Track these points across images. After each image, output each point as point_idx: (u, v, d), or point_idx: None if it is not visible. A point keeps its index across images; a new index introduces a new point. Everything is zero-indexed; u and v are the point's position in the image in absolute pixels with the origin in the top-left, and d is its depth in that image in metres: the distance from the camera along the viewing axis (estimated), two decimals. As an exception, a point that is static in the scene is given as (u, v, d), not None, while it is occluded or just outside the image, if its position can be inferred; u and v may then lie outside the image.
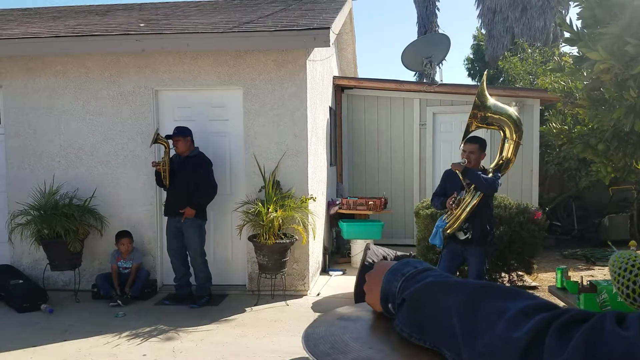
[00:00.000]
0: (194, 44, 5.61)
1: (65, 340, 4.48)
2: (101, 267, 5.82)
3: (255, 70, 5.77)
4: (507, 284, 5.51)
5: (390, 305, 0.86)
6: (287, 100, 5.77)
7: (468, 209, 4.24)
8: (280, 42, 5.60)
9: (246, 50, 5.73)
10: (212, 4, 8.07)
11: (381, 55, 48.66)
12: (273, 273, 5.42)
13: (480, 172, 4.28)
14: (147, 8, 7.92)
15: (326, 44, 5.59)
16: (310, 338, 0.96)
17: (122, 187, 5.90)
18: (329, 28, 5.52)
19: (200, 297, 5.40)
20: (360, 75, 10.54)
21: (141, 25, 6.25)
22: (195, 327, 4.77)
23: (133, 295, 5.47)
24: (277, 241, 5.30)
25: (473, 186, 4.26)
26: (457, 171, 4.31)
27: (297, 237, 5.51)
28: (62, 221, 5.33)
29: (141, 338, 4.53)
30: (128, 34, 5.65)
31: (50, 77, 5.89)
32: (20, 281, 5.49)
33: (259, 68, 5.77)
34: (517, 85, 11.38)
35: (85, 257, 5.70)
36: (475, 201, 4.23)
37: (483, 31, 17.99)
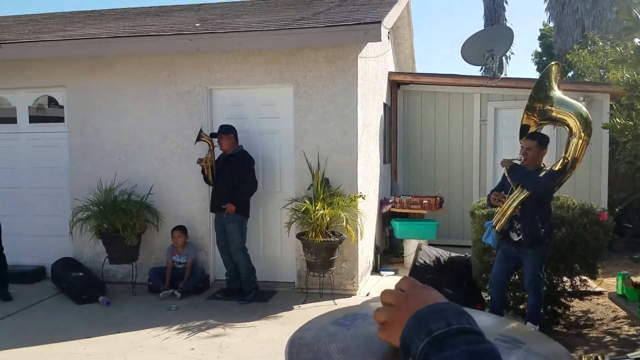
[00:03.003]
0: (246, 42, 5.65)
1: (119, 332, 4.63)
2: (157, 262, 5.99)
3: (306, 67, 5.74)
4: (569, 289, 5.18)
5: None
6: (337, 97, 5.69)
7: (514, 204, 4.03)
8: (331, 38, 5.54)
9: (297, 48, 5.71)
10: (268, 3, 8.12)
11: (442, 50, 47.53)
12: (321, 271, 5.37)
13: (529, 170, 4.07)
14: (204, 8, 8.09)
15: (377, 38, 5.47)
16: (295, 344, 0.90)
17: (177, 184, 6.04)
18: (380, 22, 5.40)
19: (247, 292, 5.45)
20: (418, 71, 10.29)
21: (197, 25, 6.36)
22: (243, 323, 4.80)
23: (187, 290, 5.58)
24: (325, 239, 5.24)
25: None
26: (504, 168, 4.13)
27: (345, 236, 5.43)
28: (121, 216, 5.52)
29: (190, 332, 4.62)
30: (182, 33, 5.76)
31: (110, 77, 6.11)
32: (81, 274, 5.74)
33: (309, 65, 5.74)
34: (586, 80, 10.73)
35: (142, 251, 5.88)
36: (522, 197, 4.01)
37: (551, 24, 17.16)
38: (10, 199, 6.34)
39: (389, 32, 7.30)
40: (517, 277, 4.70)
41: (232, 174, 5.39)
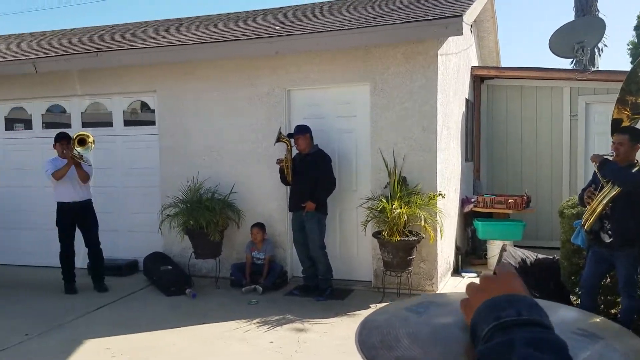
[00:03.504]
0: (323, 42, 5.69)
1: (204, 323, 4.84)
2: (238, 257, 6.19)
3: (384, 64, 5.69)
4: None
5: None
6: (415, 93, 5.60)
7: (604, 202, 3.76)
8: (410, 34, 5.45)
9: (375, 45, 5.68)
10: (345, 2, 8.14)
11: (529, 43, 45.19)
12: (398, 271, 5.30)
13: (620, 166, 3.78)
14: (284, 11, 8.25)
15: (459, 32, 5.32)
16: (367, 326, 0.91)
17: (256, 183, 6.22)
18: (461, 16, 5.24)
19: (323, 290, 5.50)
20: (503, 65, 9.87)
21: (277, 28, 6.51)
22: (320, 320, 4.85)
23: (266, 286, 5.72)
24: (403, 238, 5.17)
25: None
26: (594, 163, 3.87)
27: (424, 235, 5.32)
28: (205, 214, 5.77)
29: (269, 326, 4.73)
30: (262, 37, 5.92)
31: (196, 81, 6.40)
32: (169, 267, 6.07)
33: (387, 62, 5.69)
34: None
35: (225, 247, 6.11)
36: (613, 194, 3.73)
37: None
38: (107, 197, 6.81)
39: (471, 26, 7.07)
40: (608, 279, 4.39)
41: (310, 173, 5.46)
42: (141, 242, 6.73)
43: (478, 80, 8.14)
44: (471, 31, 7.53)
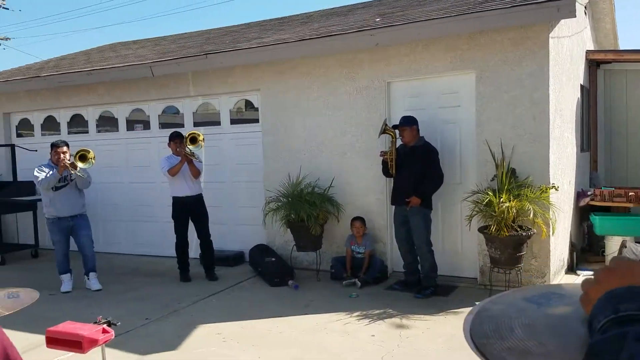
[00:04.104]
0: (425, 31, 5.56)
1: (305, 314, 4.94)
2: (338, 251, 6.24)
3: (490, 51, 5.44)
4: None
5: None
6: (525, 81, 5.29)
7: None
8: (518, 18, 5.16)
9: (480, 32, 5.44)
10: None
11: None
12: (506, 267, 5.04)
13: None
14: (385, 3, 8.16)
15: (571, 15, 4.94)
16: (479, 315, 0.87)
17: (355, 176, 6.22)
18: (575, -4, 4.86)
19: (425, 288, 5.35)
20: (622, 48, 9.04)
21: (377, 20, 6.46)
22: (423, 316, 4.74)
23: (365, 280, 5.71)
24: (511, 234, 4.90)
25: None
26: None
27: (535, 230, 5.01)
28: (306, 207, 5.88)
29: (370, 319, 4.71)
30: (363, 30, 5.89)
31: (296, 78, 6.54)
32: (273, 259, 6.26)
33: (493, 49, 5.42)
34: None
35: (325, 240, 6.18)
36: None
37: None
38: (216, 192, 7.17)
39: (585, 7, 6.55)
40: None
41: (416, 166, 5.31)
42: (247, 234, 7.02)
43: (594, 65, 7.53)
44: (585, 13, 6.97)
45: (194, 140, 6.03)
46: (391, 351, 4.03)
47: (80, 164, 5.70)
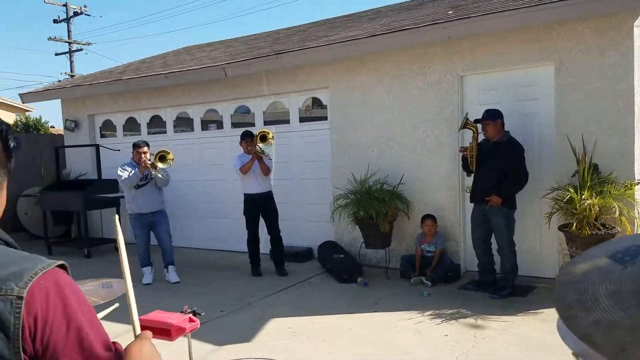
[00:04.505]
0: (502, 22, 5.37)
1: (375, 312, 4.91)
2: (408, 249, 6.17)
3: (570, 41, 5.19)
4: None
5: None
6: (607, 72, 5.00)
7: None
8: (600, 7, 4.91)
9: (559, 22, 5.20)
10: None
11: None
12: (589, 268, 4.77)
13: None
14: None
15: (660, 0, 4.62)
16: (562, 281, 0.76)
17: (426, 172, 6.12)
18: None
19: (502, 288, 5.16)
20: None
21: (449, 12, 6.32)
22: (498, 317, 4.60)
23: (434, 279, 5.61)
24: (594, 232, 4.64)
25: None
26: None
27: (619, 229, 4.72)
28: (374, 204, 5.84)
29: (443, 319, 4.62)
30: (435, 23, 5.78)
31: (365, 74, 6.52)
32: (341, 256, 6.28)
33: (574, 39, 5.17)
34: None
35: (394, 238, 6.13)
36: None
37: None
38: (285, 189, 7.28)
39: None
40: None
41: (498, 162, 5.07)
42: (314, 231, 7.09)
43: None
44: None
45: (264, 138, 6.15)
46: (466, 352, 3.93)
47: (160, 164, 6.00)
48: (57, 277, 0.90)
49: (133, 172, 6.08)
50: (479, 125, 5.24)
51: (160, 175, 6.09)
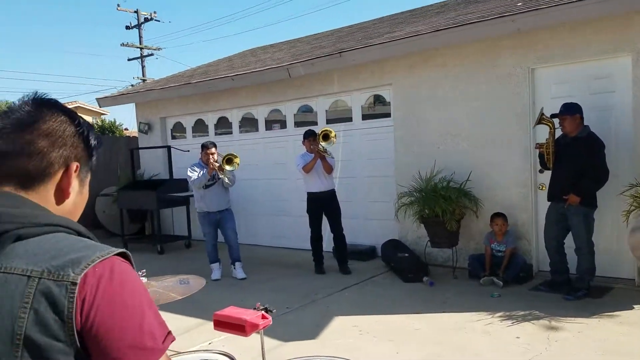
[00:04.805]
0: (574, 13, 5.12)
1: (443, 312, 4.83)
2: (476, 248, 6.01)
3: (649, 30, 4.88)
4: None
5: None
6: (694, 60, 4.66)
7: None
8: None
9: (636, 11, 4.90)
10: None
11: None
12: (674, 270, 4.48)
13: None
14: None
15: None
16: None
17: (495, 169, 5.94)
18: None
19: (577, 289, 4.94)
20: None
21: (518, 4, 6.11)
22: (573, 319, 4.40)
23: (506, 280, 5.44)
24: (679, 232, 4.33)
25: None
26: None
27: None
28: (440, 202, 5.74)
29: (514, 320, 4.48)
30: (503, 16, 5.60)
31: (430, 70, 6.41)
32: (406, 255, 6.21)
33: (654, 27, 4.86)
34: None
35: (462, 237, 5.99)
36: None
37: None
38: (348, 187, 7.30)
39: None
40: None
41: (577, 159, 4.86)
42: (378, 229, 7.06)
43: None
44: None
45: (326, 137, 6.18)
46: (538, 354, 3.79)
47: (227, 167, 6.22)
48: (113, 264, 0.93)
49: (202, 173, 6.30)
50: (556, 120, 5.04)
51: (227, 180, 6.31)
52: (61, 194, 1.03)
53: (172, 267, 7.20)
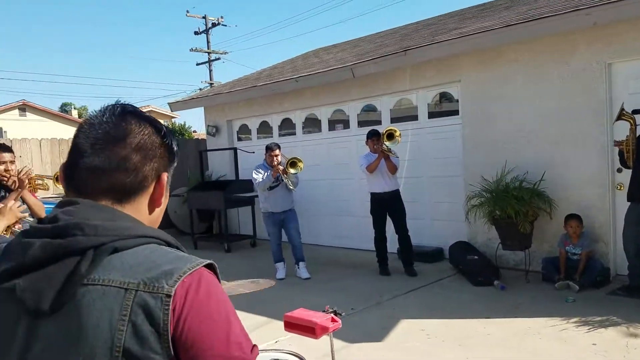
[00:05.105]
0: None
1: (515, 317, 4.64)
2: (550, 250, 5.74)
3: None
4: None
5: None
6: None
7: None
8: None
9: None
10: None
11: None
12: None
13: None
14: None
15: None
16: None
17: (570, 168, 5.65)
18: None
19: (658, 295, 4.61)
20: None
21: (594, -1, 5.79)
22: (656, 327, 4.11)
23: (582, 284, 5.16)
24: None
25: None
26: None
27: None
28: (513, 203, 5.51)
29: (590, 327, 4.25)
30: (578, 9, 5.32)
31: (501, 66, 6.18)
32: (476, 257, 6.01)
33: None
34: None
35: (535, 239, 5.73)
36: None
37: None
38: (413, 187, 7.17)
39: None
40: None
41: None
42: (445, 230, 6.89)
43: None
44: None
45: (390, 136, 6.10)
46: (619, 364, 3.57)
47: (291, 170, 6.30)
48: (200, 275, 0.94)
49: (266, 175, 6.40)
50: (638, 117, 4.75)
51: (290, 185, 6.39)
52: (153, 204, 1.06)
53: (239, 265, 7.36)
